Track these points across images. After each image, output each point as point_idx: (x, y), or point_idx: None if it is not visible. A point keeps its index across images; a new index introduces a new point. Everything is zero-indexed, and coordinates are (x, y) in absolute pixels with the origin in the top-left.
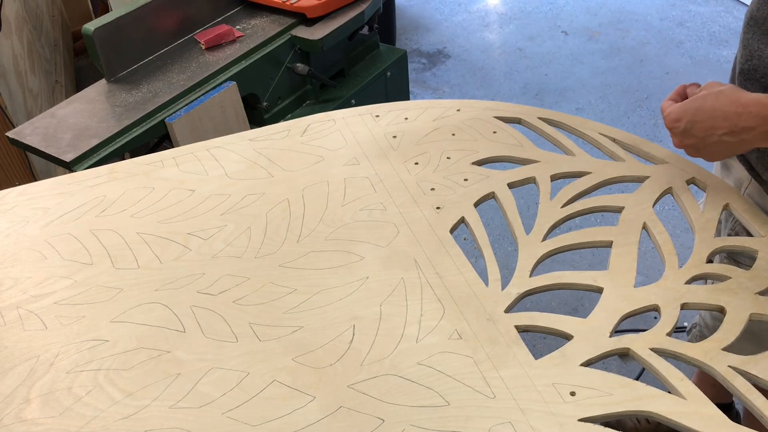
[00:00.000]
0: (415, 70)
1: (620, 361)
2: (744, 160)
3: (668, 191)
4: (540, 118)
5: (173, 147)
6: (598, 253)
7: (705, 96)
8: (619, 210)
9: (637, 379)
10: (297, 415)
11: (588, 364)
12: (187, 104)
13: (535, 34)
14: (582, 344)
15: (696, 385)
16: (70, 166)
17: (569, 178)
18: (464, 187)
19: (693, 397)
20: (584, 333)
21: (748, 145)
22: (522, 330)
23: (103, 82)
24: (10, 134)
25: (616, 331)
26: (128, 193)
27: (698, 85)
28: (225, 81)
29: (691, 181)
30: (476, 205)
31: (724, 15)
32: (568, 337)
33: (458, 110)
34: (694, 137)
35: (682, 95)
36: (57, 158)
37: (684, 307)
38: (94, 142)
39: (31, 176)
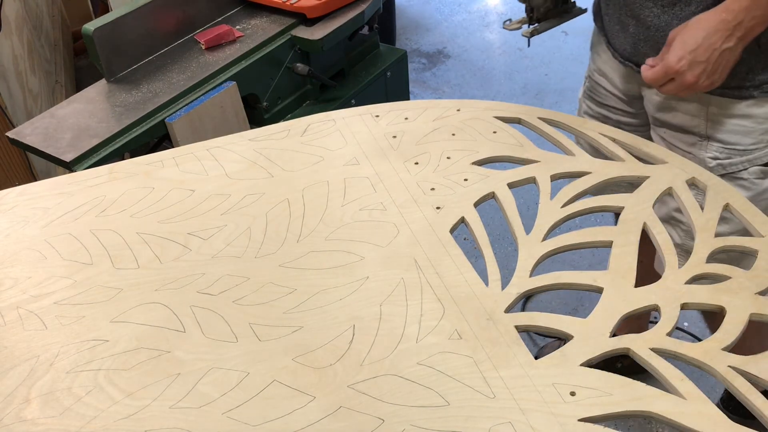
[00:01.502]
0: (415, 70)
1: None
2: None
3: (668, 191)
4: (540, 118)
5: (173, 147)
6: (598, 253)
7: (684, 31)
8: (619, 210)
9: None
10: (297, 415)
11: (588, 364)
12: (187, 104)
13: None
14: (582, 344)
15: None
16: (70, 166)
17: (569, 178)
18: (464, 187)
19: (693, 397)
20: (584, 333)
21: (744, 42)
22: (522, 330)
23: (103, 82)
24: (10, 134)
25: None
26: (128, 193)
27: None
28: (225, 81)
29: (691, 181)
30: (476, 205)
31: None
32: (568, 337)
33: (458, 110)
34: (702, 63)
35: (660, 58)
36: (57, 158)
37: (684, 307)
38: (94, 142)
39: (31, 176)
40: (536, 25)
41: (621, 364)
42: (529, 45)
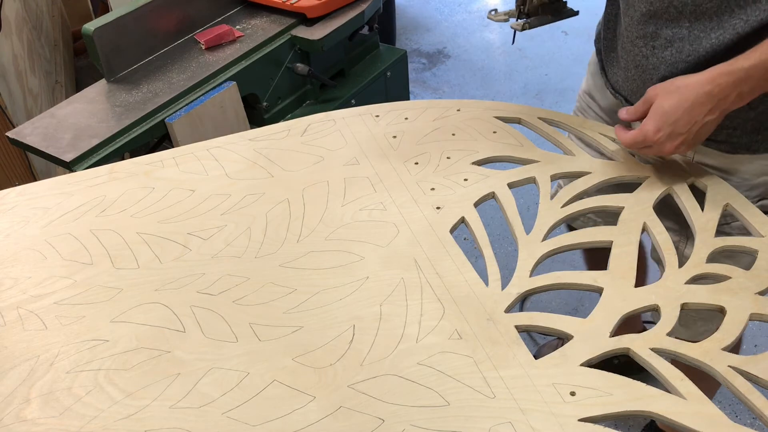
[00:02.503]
0: (415, 70)
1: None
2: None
3: (668, 191)
4: (540, 118)
5: (173, 147)
6: None
7: (665, 98)
8: (619, 210)
9: None
10: (297, 415)
11: (588, 364)
12: (187, 104)
13: (535, 34)
14: (582, 344)
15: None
16: (70, 166)
17: (569, 177)
18: (464, 187)
19: (693, 397)
20: (584, 333)
21: (725, 113)
22: (522, 330)
23: (103, 82)
24: (10, 134)
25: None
26: (128, 193)
27: (626, 128)
28: (225, 81)
29: (690, 182)
30: (476, 205)
31: None
32: (568, 337)
33: (458, 110)
34: (682, 134)
35: (634, 118)
36: (57, 158)
37: (684, 307)
38: (94, 142)
39: (31, 176)
40: (527, 19)
41: (618, 360)
42: (513, 42)
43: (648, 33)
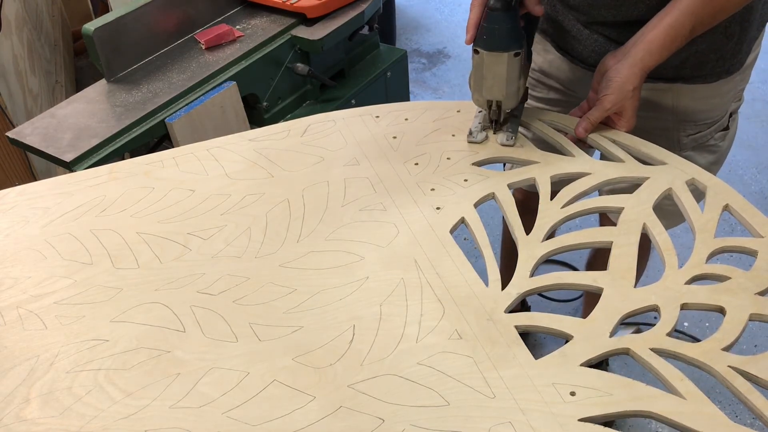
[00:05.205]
0: (415, 70)
1: (621, 360)
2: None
3: (668, 192)
4: (540, 119)
5: (173, 147)
6: None
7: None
8: (618, 211)
9: None
10: (297, 415)
11: (588, 364)
12: (187, 104)
13: None
14: (582, 344)
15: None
16: (70, 166)
17: (569, 178)
18: (464, 187)
19: (693, 397)
20: (584, 333)
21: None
22: (522, 330)
23: (103, 82)
24: (10, 134)
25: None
26: (128, 193)
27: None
28: (225, 81)
29: (690, 182)
30: (476, 205)
31: None
32: (568, 338)
33: (458, 111)
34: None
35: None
36: (57, 158)
37: (684, 307)
38: (94, 142)
39: (31, 176)
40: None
41: None
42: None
43: None
